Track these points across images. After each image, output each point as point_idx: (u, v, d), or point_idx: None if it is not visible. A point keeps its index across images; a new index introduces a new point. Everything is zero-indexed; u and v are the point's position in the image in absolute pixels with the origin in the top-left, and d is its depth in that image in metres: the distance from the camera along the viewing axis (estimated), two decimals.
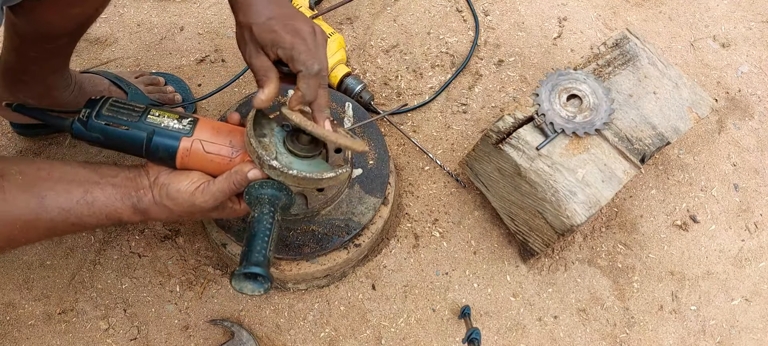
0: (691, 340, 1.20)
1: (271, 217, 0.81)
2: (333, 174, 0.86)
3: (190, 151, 0.86)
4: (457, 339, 1.18)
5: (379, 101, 1.41)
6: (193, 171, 0.87)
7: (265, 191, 0.83)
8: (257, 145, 0.82)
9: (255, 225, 0.80)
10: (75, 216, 0.82)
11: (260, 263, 0.75)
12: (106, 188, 0.84)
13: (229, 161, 0.87)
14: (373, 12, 1.55)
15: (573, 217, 1.04)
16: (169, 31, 1.49)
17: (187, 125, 0.87)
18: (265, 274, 0.75)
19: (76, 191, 0.82)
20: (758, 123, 1.43)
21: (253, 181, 0.84)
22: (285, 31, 0.83)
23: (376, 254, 1.23)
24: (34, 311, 1.16)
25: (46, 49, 1.02)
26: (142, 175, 0.87)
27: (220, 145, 0.87)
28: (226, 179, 0.84)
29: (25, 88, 1.13)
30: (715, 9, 1.60)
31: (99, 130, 0.86)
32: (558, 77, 1.14)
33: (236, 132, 0.89)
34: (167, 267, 1.21)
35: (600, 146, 1.10)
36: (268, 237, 0.79)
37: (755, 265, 1.28)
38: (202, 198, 0.84)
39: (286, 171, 0.82)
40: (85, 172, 0.85)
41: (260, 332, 1.16)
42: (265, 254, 0.77)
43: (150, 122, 0.86)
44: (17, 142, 1.31)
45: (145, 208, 0.86)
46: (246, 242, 0.79)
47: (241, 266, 0.75)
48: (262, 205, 0.82)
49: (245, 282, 0.76)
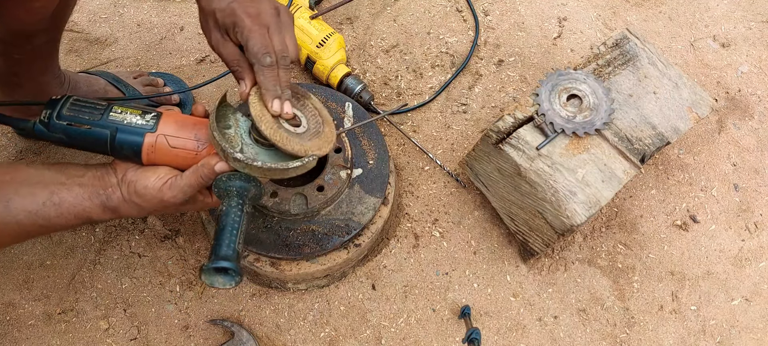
0: (691, 340, 1.20)
1: (239, 209, 0.81)
2: (299, 163, 0.83)
3: (155, 147, 0.84)
4: (457, 339, 1.18)
5: (379, 101, 1.41)
6: (161, 166, 0.86)
7: (232, 183, 0.82)
8: (221, 138, 0.81)
9: (223, 218, 0.80)
10: (42, 218, 0.82)
11: (229, 257, 0.75)
12: (73, 188, 0.84)
13: (195, 155, 0.85)
14: (373, 12, 1.55)
15: (573, 217, 1.04)
16: (169, 31, 1.49)
17: (151, 120, 0.85)
18: (235, 267, 0.75)
19: (42, 193, 0.82)
20: (758, 123, 1.43)
21: (221, 173, 0.82)
22: (245, 14, 0.81)
23: (376, 254, 1.23)
24: (34, 311, 1.16)
25: (28, 50, 1.03)
26: (109, 173, 0.86)
27: (185, 139, 0.85)
28: (194, 172, 0.83)
29: (20, 91, 1.13)
30: (715, 9, 1.60)
31: (61, 130, 0.84)
32: (558, 77, 1.14)
33: (201, 124, 0.87)
34: (167, 267, 1.21)
35: (600, 146, 1.10)
36: (236, 230, 0.79)
37: (755, 265, 1.28)
38: (170, 193, 0.83)
39: (251, 163, 0.81)
40: (51, 173, 0.84)
41: (260, 332, 1.16)
42: (233, 248, 0.77)
43: (112, 120, 0.85)
44: (17, 142, 1.31)
45: (114, 206, 0.85)
46: (214, 236, 0.79)
47: (209, 260, 0.75)
48: (230, 197, 0.82)
49: (215, 276, 0.76)
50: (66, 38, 1.45)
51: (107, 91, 1.26)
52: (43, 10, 0.89)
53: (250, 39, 0.81)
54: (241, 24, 0.81)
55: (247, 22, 0.81)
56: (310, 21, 1.38)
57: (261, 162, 0.81)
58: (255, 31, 0.81)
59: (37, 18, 0.91)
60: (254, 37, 0.81)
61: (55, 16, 0.97)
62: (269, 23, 0.82)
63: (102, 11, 1.51)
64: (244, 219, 0.80)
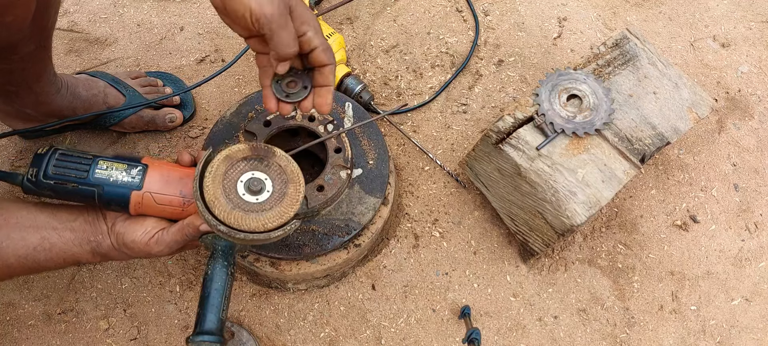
0: (691, 340, 1.20)
1: (224, 271, 0.84)
2: (281, 232, 0.85)
3: (142, 203, 0.87)
4: (457, 339, 1.18)
5: (379, 101, 1.41)
6: (148, 218, 0.88)
7: (218, 242, 0.85)
8: (203, 209, 0.81)
9: (208, 284, 0.82)
10: (32, 261, 0.84)
11: (213, 331, 0.79)
12: (64, 233, 0.86)
13: (181, 210, 0.88)
14: (373, 12, 1.55)
15: (573, 217, 1.04)
16: (169, 31, 1.49)
17: (136, 176, 0.87)
18: (219, 341, 0.79)
19: (33, 237, 0.84)
20: (758, 123, 1.43)
21: (206, 233, 0.85)
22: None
23: (376, 254, 1.23)
24: (34, 311, 1.16)
25: (17, 59, 1.02)
26: (99, 219, 0.89)
27: (171, 195, 0.87)
28: (179, 230, 0.85)
29: (18, 99, 1.13)
30: (715, 9, 1.60)
31: (48, 188, 0.86)
32: (558, 77, 1.14)
33: (187, 177, 0.88)
34: (167, 267, 1.21)
35: (600, 146, 1.10)
36: (221, 297, 0.82)
37: (755, 265, 1.28)
38: (157, 248, 0.86)
39: (234, 235, 0.82)
40: (43, 216, 0.86)
41: (260, 332, 1.16)
42: (218, 316, 0.81)
43: (98, 177, 0.86)
44: (17, 143, 1.31)
45: (104, 252, 0.88)
46: (200, 303, 0.82)
47: (194, 331, 0.80)
48: (216, 258, 0.84)
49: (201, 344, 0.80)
50: (66, 38, 1.45)
51: (106, 93, 1.25)
52: (15, 23, 0.88)
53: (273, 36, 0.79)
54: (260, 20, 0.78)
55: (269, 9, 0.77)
56: None
57: (244, 234, 0.82)
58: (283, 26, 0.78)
59: (12, 30, 0.90)
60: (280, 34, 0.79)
61: (37, 24, 0.96)
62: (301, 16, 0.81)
63: (102, 11, 1.51)
64: (228, 282, 0.83)
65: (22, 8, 0.87)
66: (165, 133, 1.34)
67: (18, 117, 1.19)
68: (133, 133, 1.33)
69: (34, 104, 1.15)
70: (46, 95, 1.15)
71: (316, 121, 1.17)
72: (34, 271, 0.86)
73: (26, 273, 0.87)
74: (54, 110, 1.18)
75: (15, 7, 0.85)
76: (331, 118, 1.17)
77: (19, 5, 0.86)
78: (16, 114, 1.18)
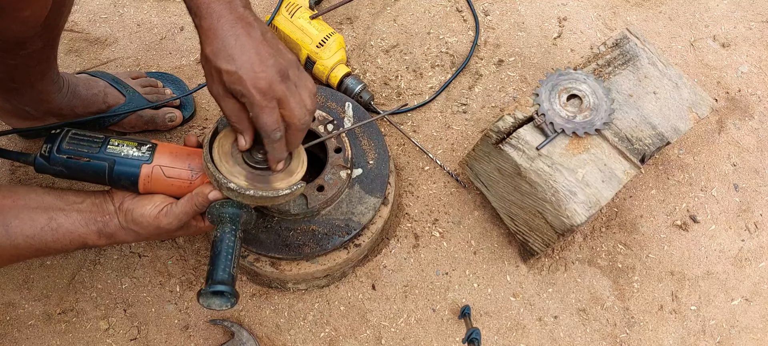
0: (691, 340, 1.20)
1: (232, 235, 0.85)
2: (288, 191, 0.87)
3: (151, 177, 0.89)
4: (457, 339, 1.18)
5: (379, 101, 1.41)
6: (156, 194, 0.90)
7: (226, 210, 0.86)
8: (214, 169, 0.84)
9: (218, 244, 0.84)
10: (39, 242, 0.85)
11: (225, 281, 0.80)
12: (71, 213, 0.87)
13: (189, 184, 0.90)
14: (373, 12, 1.55)
15: (573, 217, 1.04)
16: (169, 31, 1.49)
17: (146, 152, 0.90)
18: (230, 290, 0.80)
19: (41, 218, 0.85)
20: (758, 123, 1.43)
21: (214, 201, 0.86)
22: (255, 89, 0.78)
23: (376, 254, 1.23)
24: (34, 311, 1.16)
25: (24, 56, 1.02)
26: (107, 200, 0.90)
27: (180, 169, 0.90)
28: (188, 201, 0.87)
29: (18, 96, 1.13)
30: (715, 9, 1.60)
31: (61, 163, 0.88)
32: (558, 77, 1.14)
33: (195, 154, 0.92)
34: (167, 267, 1.21)
35: (600, 146, 1.10)
36: (231, 255, 0.83)
37: (755, 265, 1.28)
38: (166, 220, 0.87)
39: (244, 192, 0.84)
40: (51, 198, 0.87)
41: (260, 332, 1.16)
42: (229, 272, 0.82)
43: (110, 152, 0.88)
44: (17, 143, 1.31)
45: (111, 232, 0.89)
46: (210, 261, 0.83)
47: (207, 284, 0.80)
48: (223, 223, 0.86)
49: (212, 299, 0.81)
50: (66, 38, 1.45)
51: (107, 93, 1.25)
52: (32, 19, 0.90)
53: (260, 117, 0.80)
54: (250, 99, 0.79)
55: (257, 98, 0.78)
56: (310, 21, 1.38)
57: (253, 191, 0.85)
58: (265, 107, 0.79)
59: (26, 26, 0.91)
60: (264, 115, 0.80)
61: (48, 22, 0.97)
62: (280, 95, 0.80)
63: (102, 11, 1.51)
64: (237, 244, 0.85)
65: (40, 5, 0.88)
66: (165, 133, 1.34)
67: (16, 114, 1.18)
68: (132, 133, 1.33)
69: (34, 102, 1.15)
70: (47, 93, 1.15)
71: (316, 121, 1.17)
72: (41, 253, 0.87)
73: (33, 255, 0.87)
74: (54, 109, 1.18)
75: (33, 2, 0.87)
76: (331, 118, 1.17)
77: (37, 1, 0.87)
78: (15, 111, 1.18)
